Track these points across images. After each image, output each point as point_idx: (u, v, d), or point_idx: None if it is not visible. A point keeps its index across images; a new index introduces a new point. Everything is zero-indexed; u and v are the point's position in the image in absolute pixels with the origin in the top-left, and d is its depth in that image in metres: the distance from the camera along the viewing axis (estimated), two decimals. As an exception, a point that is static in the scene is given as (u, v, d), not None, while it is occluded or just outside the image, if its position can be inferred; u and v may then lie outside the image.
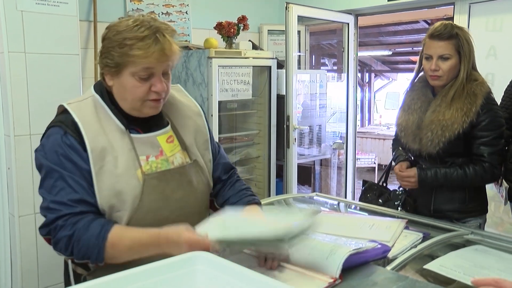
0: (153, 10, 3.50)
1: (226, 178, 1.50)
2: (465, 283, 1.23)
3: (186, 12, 3.70)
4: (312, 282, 1.17)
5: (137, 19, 1.22)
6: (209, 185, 1.42)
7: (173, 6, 3.62)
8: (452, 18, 3.27)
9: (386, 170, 2.22)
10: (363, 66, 10.51)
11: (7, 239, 2.50)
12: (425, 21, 6.05)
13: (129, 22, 1.21)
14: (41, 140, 1.29)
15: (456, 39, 1.81)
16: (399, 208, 2.00)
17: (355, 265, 1.26)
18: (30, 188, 2.44)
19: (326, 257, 1.22)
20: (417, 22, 5.98)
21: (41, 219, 1.23)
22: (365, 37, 7.26)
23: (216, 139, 3.32)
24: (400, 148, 2.07)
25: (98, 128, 1.24)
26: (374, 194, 2.12)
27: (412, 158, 2.02)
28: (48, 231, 1.19)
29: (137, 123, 1.30)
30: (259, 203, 1.46)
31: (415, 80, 2.01)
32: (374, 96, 11.61)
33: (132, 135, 1.28)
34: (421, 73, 1.99)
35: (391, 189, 2.12)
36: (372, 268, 1.29)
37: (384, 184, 2.16)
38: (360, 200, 2.18)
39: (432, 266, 1.34)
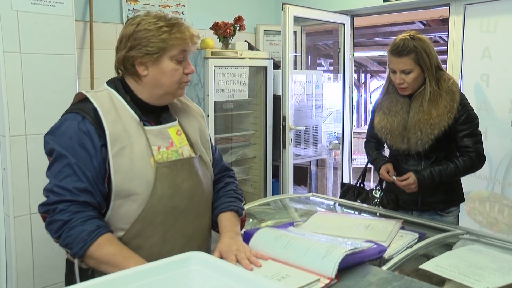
0: (149, 10, 3.49)
1: (219, 172, 1.57)
2: (461, 283, 1.23)
3: (182, 13, 3.70)
4: (308, 282, 1.17)
5: (157, 14, 1.34)
6: (212, 179, 1.50)
7: (169, 7, 3.61)
8: (447, 19, 3.29)
9: (363, 172, 2.31)
10: (359, 66, 10.53)
11: (2, 240, 2.49)
12: (421, 22, 6.07)
13: (149, 17, 1.33)
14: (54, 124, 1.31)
15: (414, 53, 1.90)
16: (376, 206, 2.09)
17: (351, 265, 1.26)
18: (26, 188, 2.43)
19: (322, 257, 1.22)
20: (412, 23, 6.00)
21: (37, 220, 1.23)
22: (361, 37, 7.27)
23: (212, 140, 3.32)
24: (375, 149, 2.18)
25: (116, 116, 1.29)
26: (352, 195, 2.20)
27: (392, 156, 2.13)
28: (46, 210, 1.22)
29: (150, 116, 1.37)
30: (236, 210, 1.49)
31: (389, 85, 2.08)
32: (370, 96, 11.63)
33: (145, 127, 1.34)
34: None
35: (368, 189, 2.21)
36: (368, 268, 1.29)
37: (362, 185, 2.23)
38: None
39: (427, 266, 1.34)
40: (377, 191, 2.14)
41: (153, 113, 1.38)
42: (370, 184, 4.64)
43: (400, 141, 2.00)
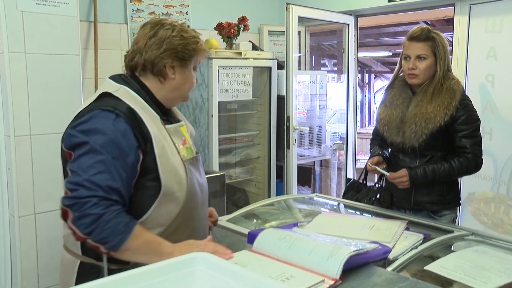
0: (153, 10, 3.50)
1: None
2: (466, 284, 1.23)
3: (187, 13, 3.70)
4: (313, 283, 1.17)
5: (174, 23, 1.41)
6: None
7: (173, 7, 3.62)
8: (452, 19, 3.27)
9: (365, 168, 2.29)
10: (363, 67, 10.51)
11: (7, 240, 2.50)
12: (425, 22, 6.05)
13: (178, 25, 1.40)
14: (76, 119, 1.27)
15: (432, 41, 1.96)
16: (373, 203, 2.11)
17: (355, 266, 1.26)
18: (30, 188, 2.43)
19: (326, 258, 1.22)
20: (417, 23, 5.97)
21: (42, 220, 1.22)
22: (365, 38, 7.25)
23: (216, 140, 3.34)
24: (377, 146, 2.20)
25: (146, 115, 1.31)
26: (354, 191, 2.22)
27: (391, 154, 2.14)
28: (73, 203, 1.17)
29: (164, 115, 1.42)
30: None
31: (395, 80, 2.15)
32: (374, 97, 11.60)
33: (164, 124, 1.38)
34: (401, 74, 2.13)
35: (369, 186, 2.23)
36: (372, 269, 1.29)
37: (364, 182, 2.24)
38: (343, 197, 2.27)
39: (432, 267, 1.34)
40: (375, 188, 2.16)
41: (164, 114, 1.43)
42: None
43: (395, 134, 2.03)
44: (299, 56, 4.19)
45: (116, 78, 1.38)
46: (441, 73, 1.96)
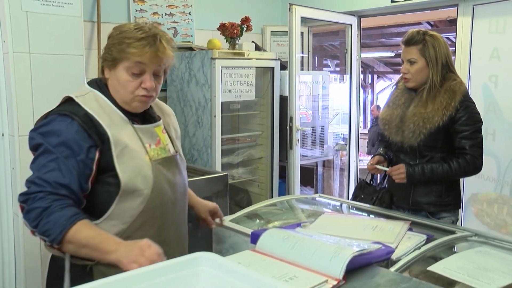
0: (156, 11, 3.51)
1: None
2: (469, 285, 1.23)
3: (190, 13, 3.71)
4: (316, 283, 1.17)
5: (140, 24, 1.37)
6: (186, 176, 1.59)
7: (176, 7, 3.62)
8: (455, 20, 3.27)
9: None
10: (366, 67, 10.51)
11: (11, 239, 2.51)
12: (428, 23, 6.05)
13: (131, 26, 1.37)
14: (38, 122, 1.35)
15: (422, 45, 1.97)
16: (375, 203, 2.12)
17: (358, 266, 1.26)
18: (34, 188, 2.44)
19: (330, 259, 1.22)
20: (420, 23, 5.97)
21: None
22: (367, 38, 7.25)
23: (219, 140, 3.35)
24: (382, 147, 2.22)
25: (108, 118, 1.34)
26: (361, 190, 2.24)
27: (392, 154, 2.16)
28: (25, 199, 1.25)
29: (136, 116, 1.43)
30: None
31: (399, 82, 2.17)
32: (377, 97, 11.60)
33: (134, 125, 1.40)
34: None
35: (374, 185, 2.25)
36: (375, 270, 1.29)
37: (371, 182, 2.26)
38: (352, 196, 2.29)
39: (436, 268, 1.34)
40: (378, 188, 2.18)
41: (142, 114, 1.44)
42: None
43: (395, 133, 2.05)
44: (302, 57, 4.19)
45: (92, 82, 1.43)
46: (436, 76, 1.96)
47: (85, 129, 1.29)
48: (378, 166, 2.08)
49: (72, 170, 1.26)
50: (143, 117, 1.46)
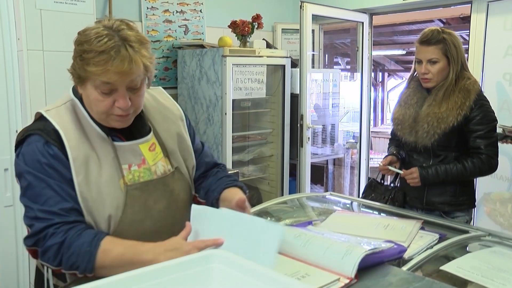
0: (167, 8, 3.52)
1: (207, 170, 1.48)
2: (484, 286, 1.21)
3: (201, 11, 3.71)
4: (328, 281, 1.17)
5: (101, 28, 1.14)
6: (190, 192, 1.41)
7: (187, 5, 3.63)
8: (469, 17, 3.23)
9: None
10: (377, 65, 10.42)
11: (14, 239, 2.54)
12: (440, 20, 5.97)
13: (92, 33, 1.13)
14: (17, 146, 1.22)
15: (443, 44, 1.94)
16: (387, 202, 2.11)
17: (370, 265, 1.26)
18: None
19: (342, 257, 1.21)
20: (431, 21, 5.90)
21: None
22: (378, 36, 7.19)
23: (230, 138, 3.35)
24: (394, 146, 2.19)
25: (80, 135, 1.19)
26: (371, 190, 2.23)
27: (406, 154, 2.13)
28: (35, 241, 1.13)
29: (119, 130, 1.24)
30: (241, 187, 1.41)
31: (411, 80, 2.14)
32: (387, 95, 11.51)
33: (114, 142, 1.23)
34: (416, 74, 2.11)
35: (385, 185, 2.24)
36: (387, 269, 1.28)
37: (382, 181, 2.24)
38: (362, 195, 2.28)
39: (448, 267, 1.33)
40: (391, 187, 2.16)
41: (131, 127, 1.26)
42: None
43: (408, 133, 2.03)
44: (313, 54, 4.18)
45: (74, 88, 1.25)
46: (454, 75, 1.94)
47: (59, 148, 1.16)
48: (390, 168, 2.06)
49: (70, 192, 1.15)
50: (129, 130, 1.26)
